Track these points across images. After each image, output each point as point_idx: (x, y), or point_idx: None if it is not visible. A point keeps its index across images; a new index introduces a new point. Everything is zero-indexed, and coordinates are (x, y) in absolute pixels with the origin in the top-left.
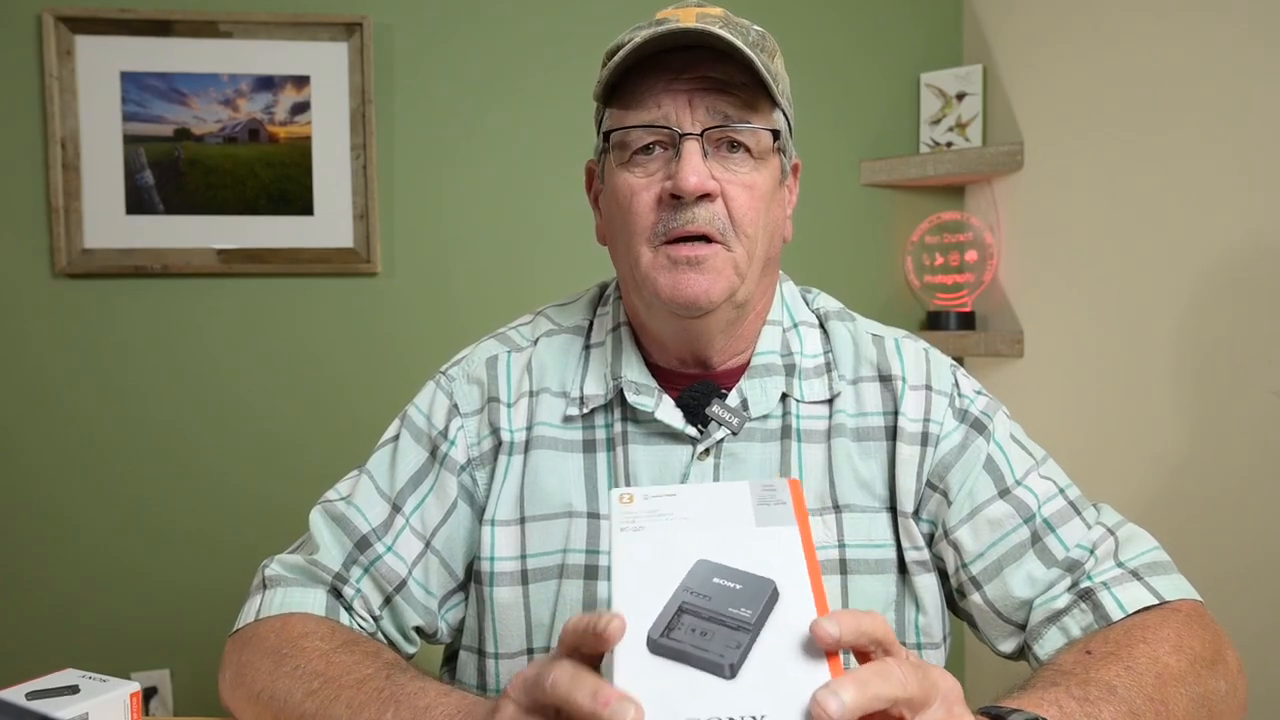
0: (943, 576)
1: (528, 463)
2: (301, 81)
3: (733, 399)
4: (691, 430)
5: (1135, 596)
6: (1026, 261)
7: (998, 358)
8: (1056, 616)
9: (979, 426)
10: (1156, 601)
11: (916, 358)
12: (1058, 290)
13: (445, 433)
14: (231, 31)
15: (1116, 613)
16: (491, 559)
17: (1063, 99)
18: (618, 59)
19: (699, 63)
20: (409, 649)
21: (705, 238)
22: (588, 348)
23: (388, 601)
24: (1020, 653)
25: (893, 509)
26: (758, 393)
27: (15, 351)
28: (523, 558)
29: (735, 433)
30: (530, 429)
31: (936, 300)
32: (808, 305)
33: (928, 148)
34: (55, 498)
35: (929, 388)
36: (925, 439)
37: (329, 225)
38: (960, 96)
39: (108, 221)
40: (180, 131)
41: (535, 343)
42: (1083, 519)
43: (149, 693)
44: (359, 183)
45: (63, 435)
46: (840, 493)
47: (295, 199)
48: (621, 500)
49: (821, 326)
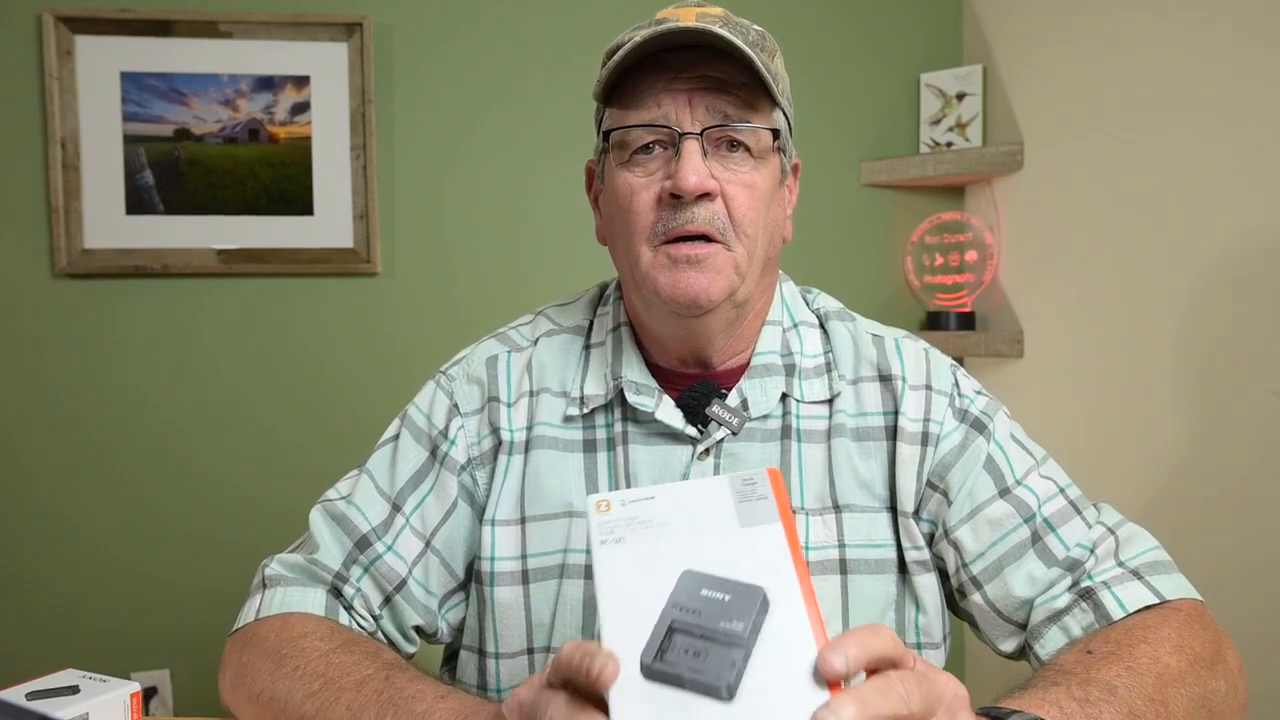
0: (943, 576)
1: (528, 462)
2: (301, 81)
3: (733, 399)
4: (691, 430)
5: (1136, 596)
6: (1026, 261)
7: (998, 358)
8: (1057, 616)
9: (979, 426)
10: (1157, 601)
11: (916, 358)
12: (1058, 290)
13: (445, 432)
14: (231, 31)
15: (1117, 612)
16: (492, 559)
17: (1063, 99)
18: (617, 58)
19: (699, 62)
20: (409, 648)
21: (705, 237)
22: (588, 348)
23: (388, 601)
24: (1021, 652)
25: (893, 509)
26: (758, 393)
27: (15, 351)
28: (523, 557)
29: (735, 433)
30: (530, 429)
31: (936, 300)
32: (808, 305)
33: (928, 148)
34: (55, 498)
35: (929, 387)
36: (925, 439)
37: (329, 225)
38: (960, 96)
39: (108, 221)
40: (180, 131)
41: (535, 343)
42: (1083, 518)
43: (149, 693)
44: (359, 183)
45: (63, 435)
46: (840, 493)
47: (295, 199)
48: (598, 508)
49: (821, 326)
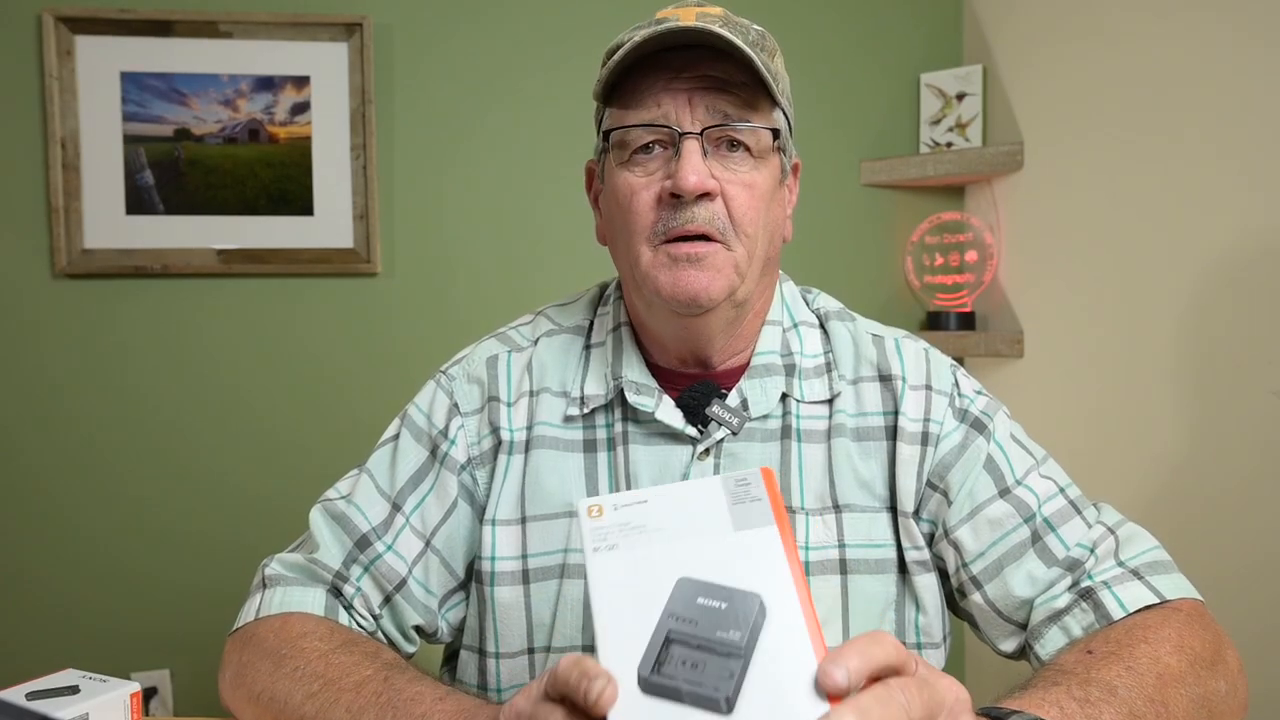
0: (943, 576)
1: (528, 462)
2: (301, 82)
3: (733, 399)
4: (691, 430)
5: (1136, 595)
6: (1026, 261)
7: (998, 358)
8: (1057, 616)
9: (979, 426)
10: (1157, 600)
11: (916, 358)
12: (1058, 290)
13: (445, 432)
14: (231, 32)
15: (1117, 611)
16: (492, 559)
17: (1063, 99)
18: (617, 58)
19: (699, 62)
20: (408, 648)
21: (705, 237)
22: (588, 348)
23: (388, 600)
24: (1021, 652)
25: (893, 509)
26: (758, 393)
27: (15, 351)
28: (524, 557)
29: (735, 433)
30: (530, 429)
31: (936, 300)
32: (808, 305)
33: (928, 148)
34: (55, 498)
35: (929, 387)
36: (925, 439)
37: (329, 225)
38: (960, 97)
39: (108, 221)
40: (180, 131)
41: (535, 343)
42: (1083, 518)
43: (149, 693)
44: (359, 183)
45: (63, 435)
46: (840, 492)
47: (295, 199)
48: (590, 513)
49: (821, 326)
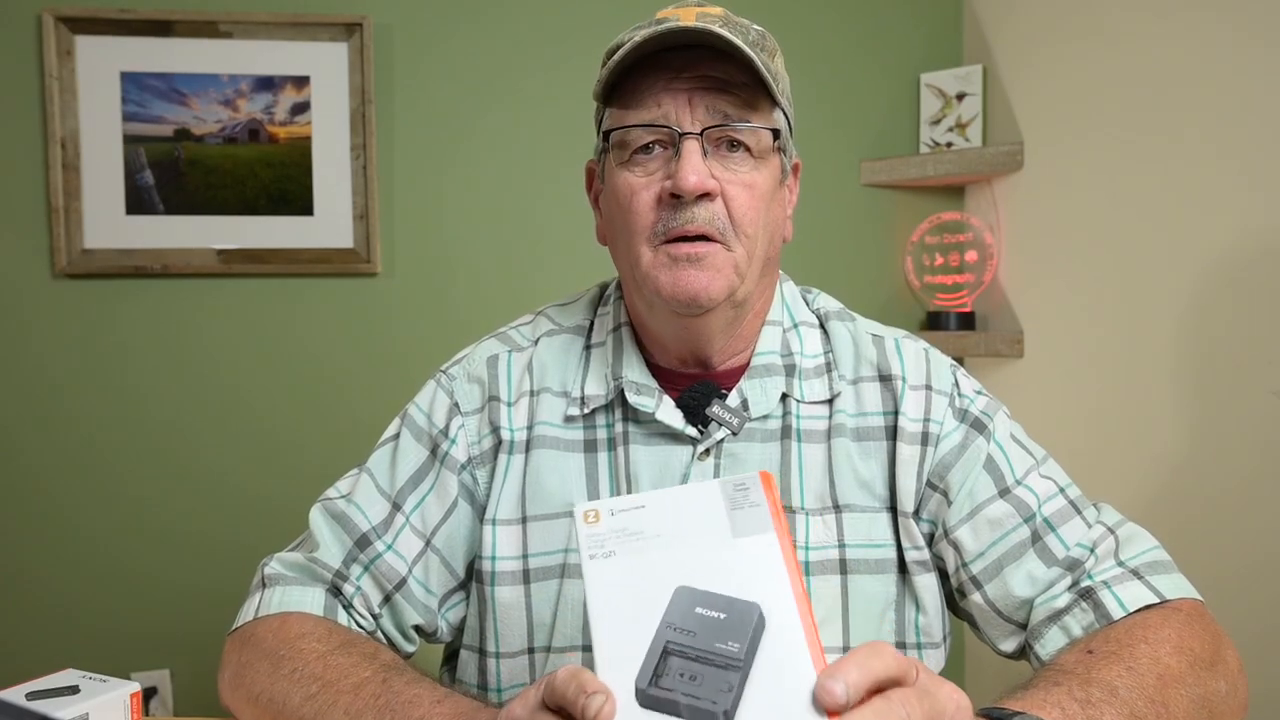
0: (943, 576)
1: (529, 462)
2: (301, 82)
3: (733, 399)
4: (692, 430)
5: (1136, 595)
6: (1026, 261)
7: (998, 358)
8: (1057, 616)
9: (979, 426)
10: (1157, 600)
11: (916, 358)
12: (1058, 290)
13: (446, 431)
14: (231, 32)
15: (1117, 611)
16: (493, 558)
17: (1063, 99)
18: (617, 58)
19: (699, 62)
20: (408, 648)
21: (705, 237)
22: (588, 348)
23: (387, 600)
24: (1021, 652)
25: (893, 509)
26: (758, 393)
27: (15, 351)
28: (524, 557)
29: (735, 433)
30: (531, 428)
31: (936, 300)
32: (808, 305)
33: (928, 148)
34: (55, 498)
35: (929, 387)
36: (925, 439)
37: (329, 225)
38: (960, 97)
39: (108, 221)
40: (180, 132)
41: (536, 342)
42: (1083, 518)
43: (149, 693)
44: (359, 183)
45: (63, 435)
46: (840, 493)
47: (295, 199)
48: (587, 519)
49: (822, 327)
